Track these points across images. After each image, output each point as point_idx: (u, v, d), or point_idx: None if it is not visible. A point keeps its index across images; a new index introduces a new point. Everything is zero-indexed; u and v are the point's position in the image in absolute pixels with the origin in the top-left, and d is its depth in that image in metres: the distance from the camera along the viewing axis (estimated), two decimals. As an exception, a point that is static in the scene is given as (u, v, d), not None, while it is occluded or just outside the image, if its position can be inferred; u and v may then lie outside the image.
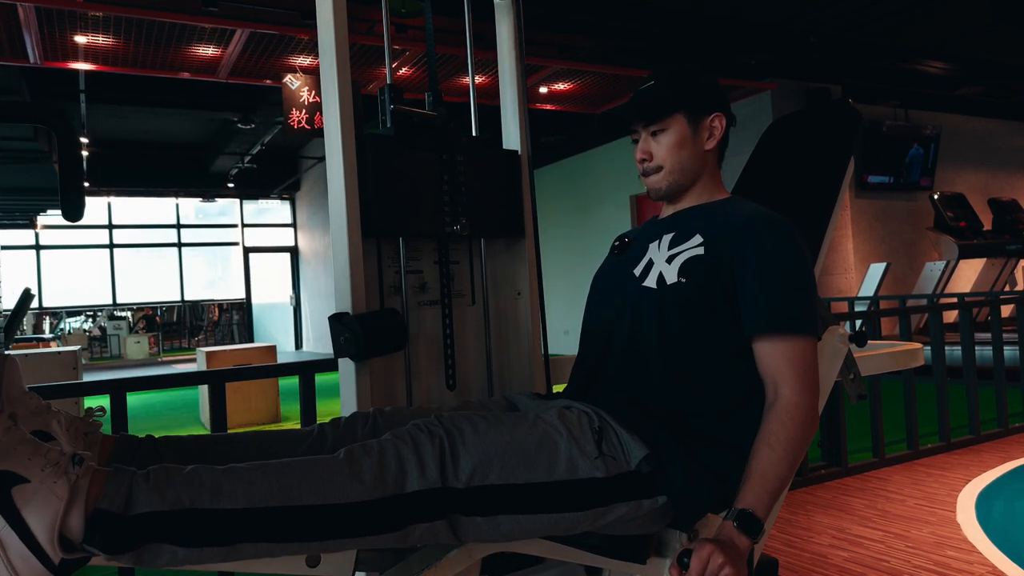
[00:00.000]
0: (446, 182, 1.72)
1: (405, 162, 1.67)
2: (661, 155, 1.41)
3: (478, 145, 1.82)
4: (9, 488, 0.90)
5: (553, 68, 6.56)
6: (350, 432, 1.30)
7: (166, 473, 0.98)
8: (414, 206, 1.68)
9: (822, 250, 1.70)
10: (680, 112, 1.39)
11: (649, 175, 1.44)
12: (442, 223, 1.72)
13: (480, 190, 1.79)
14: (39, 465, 0.92)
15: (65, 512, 0.90)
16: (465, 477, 1.09)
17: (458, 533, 1.10)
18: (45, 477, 0.91)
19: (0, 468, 0.91)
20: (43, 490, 0.91)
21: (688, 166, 1.41)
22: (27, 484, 0.90)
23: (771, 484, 1.17)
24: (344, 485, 1.03)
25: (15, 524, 0.89)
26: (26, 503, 0.90)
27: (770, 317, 1.25)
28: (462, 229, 1.72)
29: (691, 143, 1.40)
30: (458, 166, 1.74)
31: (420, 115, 1.71)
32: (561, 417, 1.20)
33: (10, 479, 0.90)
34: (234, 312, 15.56)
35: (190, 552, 0.96)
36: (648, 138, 1.42)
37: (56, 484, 0.91)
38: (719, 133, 1.42)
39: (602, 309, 1.45)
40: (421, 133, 1.71)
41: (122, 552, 0.93)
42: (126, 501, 0.93)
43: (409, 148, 1.68)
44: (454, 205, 1.73)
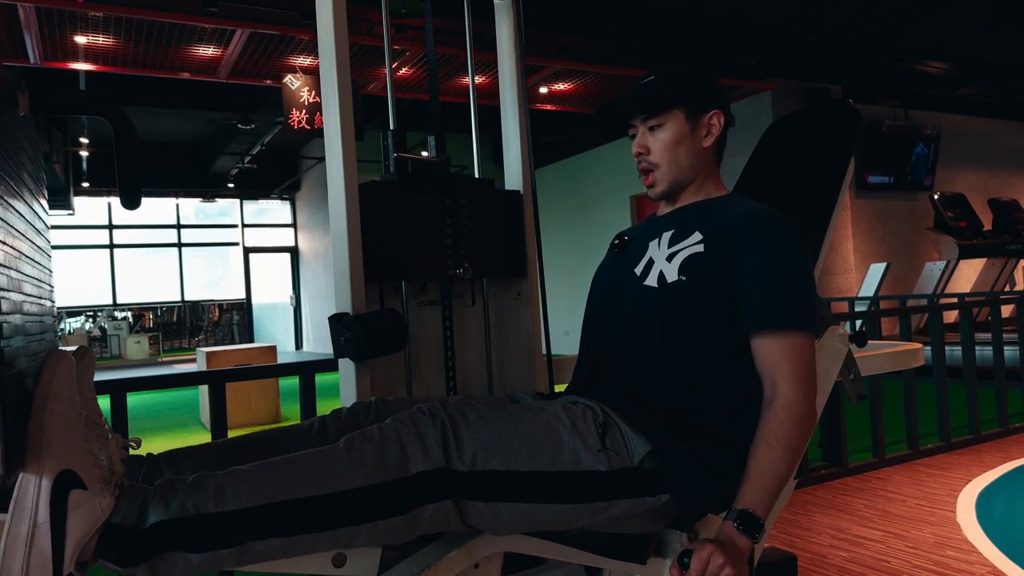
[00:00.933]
0: (449, 225, 1.73)
1: (408, 207, 1.68)
2: (658, 151, 1.40)
3: (480, 187, 1.83)
4: (68, 489, 0.91)
5: (553, 68, 6.56)
6: (352, 422, 1.30)
7: (170, 484, 0.99)
8: (417, 250, 1.70)
9: (822, 250, 1.70)
10: (678, 108, 1.38)
11: (647, 174, 1.43)
12: (445, 267, 1.73)
13: (483, 232, 1.81)
14: (97, 477, 0.94)
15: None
16: (468, 460, 1.09)
17: (465, 518, 1.11)
18: (99, 490, 0.93)
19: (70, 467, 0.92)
20: (93, 501, 0.92)
21: (685, 163, 1.40)
22: (84, 491, 0.92)
23: (771, 483, 1.17)
24: (346, 472, 1.03)
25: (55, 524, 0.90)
26: (75, 507, 0.91)
27: (768, 313, 1.25)
28: (464, 273, 1.73)
29: (689, 140, 1.39)
30: (461, 209, 1.75)
31: (423, 161, 1.73)
32: (566, 409, 1.20)
33: (73, 481, 0.92)
34: (234, 312, 15.55)
35: (203, 557, 0.96)
36: (645, 132, 1.41)
37: (104, 499, 0.93)
38: (717, 131, 1.41)
39: (603, 308, 1.45)
40: (424, 178, 1.72)
41: (136, 564, 0.94)
42: (138, 516, 0.95)
43: (412, 193, 1.69)
44: (456, 248, 1.74)
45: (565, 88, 7.18)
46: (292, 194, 14.92)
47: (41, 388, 0.93)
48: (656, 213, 1.53)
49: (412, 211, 1.69)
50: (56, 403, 0.93)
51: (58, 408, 0.93)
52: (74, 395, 0.96)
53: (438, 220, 1.73)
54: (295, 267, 15.00)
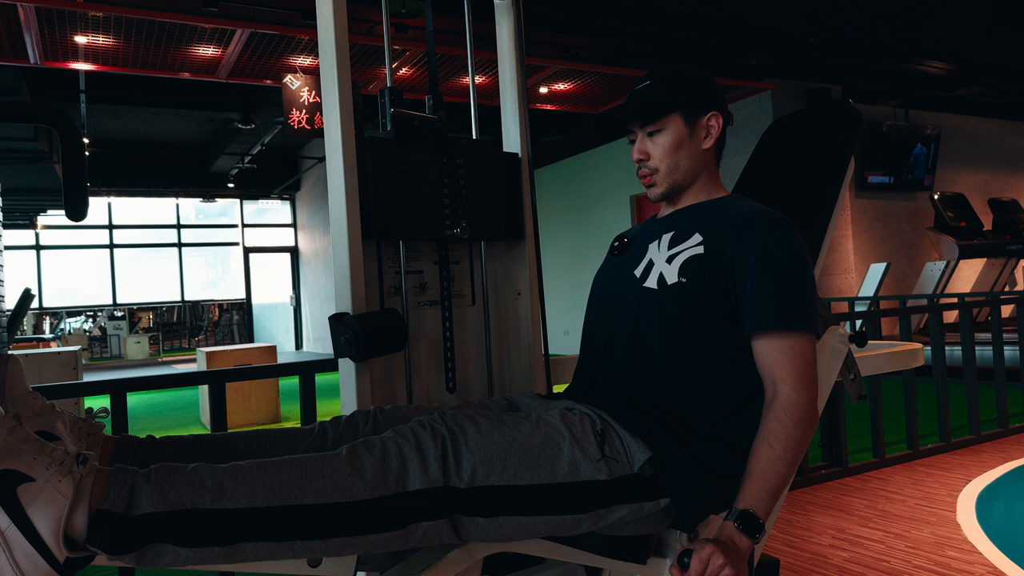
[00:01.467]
0: (446, 185, 1.72)
1: (405, 165, 1.67)
2: (658, 156, 1.40)
3: (478, 147, 1.82)
4: (14, 487, 0.90)
5: (553, 68, 6.56)
6: (351, 431, 1.30)
7: (168, 472, 0.98)
8: (414, 209, 1.68)
9: (822, 250, 1.70)
10: (677, 112, 1.39)
11: (647, 177, 1.43)
12: (442, 226, 1.72)
13: (480, 193, 1.79)
14: (44, 464, 0.92)
15: (70, 511, 0.91)
16: (467, 477, 1.09)
17: (460, 533, 1.10)
18: (50, 476, 0.91)
19: (5, 467, 0.91)
20: (48, 489, 0.91)
21: (686, 166, 1.41)
22: (32, 483, 0.90)
23: (771, 484, 1.17)
24: (346, 483, 1.03)
25: (20, 522, 0.89)
26: (31, 501, 0.90)
27: (769, 314, 1.24)
28: (462, 233, 1.72)
29: (688, 143, 1.40)
30: (458, 169, 1.74)
31: (420, 118, 1.71)
32: (563, 419, 1.20)
33: (15, 478, 0.90)
34: (234, 312, 15.56)
35: (192, 552, 0.96)
36: (644, 138, 1.41)
37: (61, 483, 0.91)
38: (716, 132, 1.41)
39: (603, 310, 1.44)
40: (421, 136, 1.71)
41: (124, 552, 0.93)
42: (127, 501, 0.93)
43: (409, 151, 1.68)
44: (454, 208, 1.73)
45: (565, 88, 7.18)
46: (292, 194, 14.92)
47: None
48: (656, 215, 1.53)
49: (409, 169, 1.67)
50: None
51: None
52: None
53: (435, 179, 1.71)
54: (295, 267, 15.01)
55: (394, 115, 1.67)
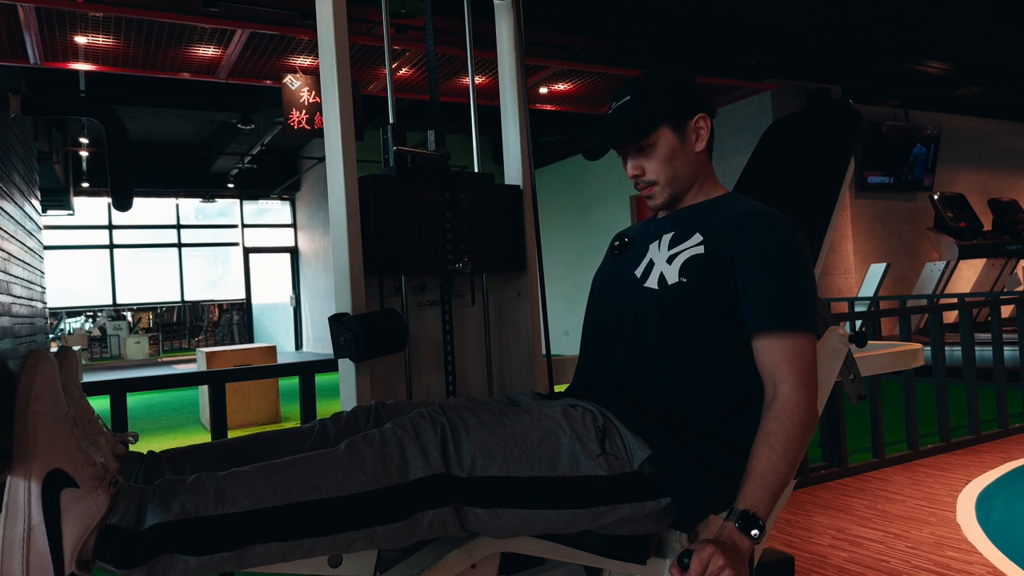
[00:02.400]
0: (448, 220, 1.73)
1: (407, 201, 1.68)
2: (654, 170, 1.39)
3: (479, 181, 1.82)
4: (60, 488, 0.91)
5: (553, 68, 6.56)
6: (352, 426, 1.30)
7: (170, 485, 0.99)
8: (416, 245, 1.69)
9: (822, 250, 1.70)
10: (664, 125, 1.37)
11: (647, 189, 1.42)
12: (444, 261, 1.73)
13: (482, 226, 1.80)
14: (90, 474, 0.93)
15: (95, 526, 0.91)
16: (467, 466, 1.09)
17: (464, 523, 1.11)
18: (93, 487, 0.92)
19: (60, 466, 0.91)
20: (87, 500, 0.91)
21: (683, 173, 1.40)
22: (76, 489, 0.91)
23: (772, 484, 1.16)
24: (346, 477, 1.03)
25: (51, 525, 0.90)
26: (69, 506, 0.91)
27: (769, 314, 1.24)
28: (464, 267, 1.74)
29: (681, 151, 1.38)
30: (460, 203, 1.76)
31: (422, 156, 1.73)
32: (565, 414, 1.20)
33: (63, 480, 0.91)
34: (234, 312, 15.56)
35: (201, 560, 0.96)
36: (637, 155, 1.40)
37: (99, 497, 0.92)
38: (706, 133, 1.40)
39: (603, 311, 1.44)
40: (423, 172, 1.72)
41: (134, 566, 0.93)
42: (136, 516, 0.94)
43: (411, 188, 1.69)
44: (456, 243, 1.74)
45: (565, 88, 7.18)
46: (292, 194, 14.92)
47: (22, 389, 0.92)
48: (656, 214, 1.52)
49: (411, 205, 1.68)
50: (39, 403, 0.92)
51: (41, 408, 0.92)
52: (58, 394, 0.95)
53: (437, 214, 1.72)
54: (295, 267, 15.00)
55: (396, 153, 1.68)
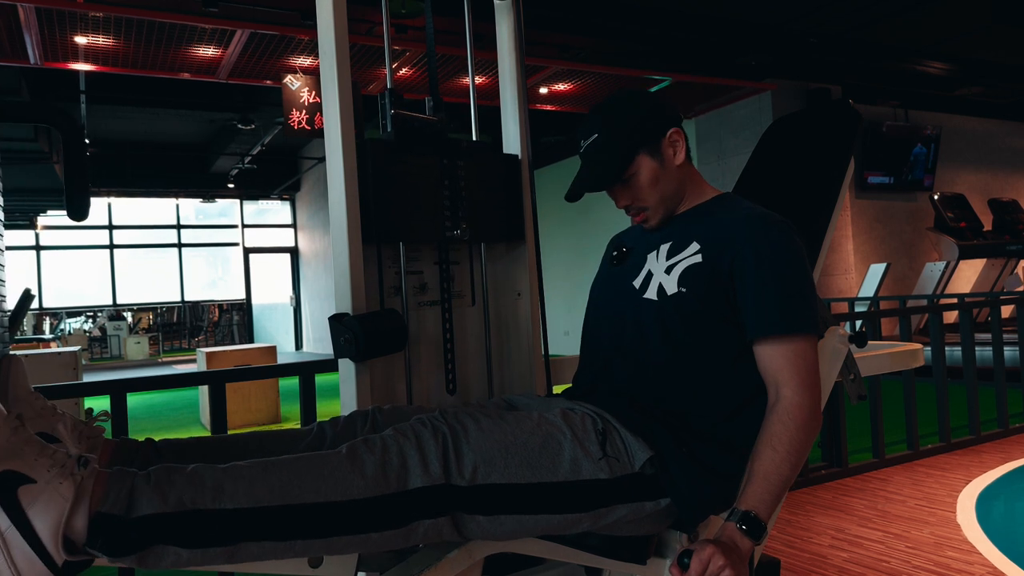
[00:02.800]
0: (446, 187, 1.72)
1: (405, 167, 1.67)
2: (642, 197, 1.39)
3: (478, 149, 1.81)
4: (15, 488, 0.90)
5: (553, 68, 6.56)
6: (350, 430, 1.30)
7: (167, 473, 0.98)
8: (414, 211, 1.68)
9: (822, 251, 1.70)
10: (640, 153, 1.36)
11: (640, 214, 1.42)
12: (442, 228, 1.72)
13: (480, 195, 1.79)
14: (45, 466, 0.92)
15: (70, 514, 0.90)
16: (468, 475, 1.09)
17: (462, 531, 1.10)
18: (51, 478, 0.91)
19: (6, 467, 0.90)
20: (49, 491, 0.90)
21: (671, 191, 1.40)
22: (33, 484, 0.90)
23: (774, 485, 1.16)
24: (346, 482, 1.03)
25: (19, 524, 0.89)
26: (31, 503, 0.90)
27: (769, 319, 1.24)
28: (462, 234, 1.73)
29: (663, 172, 1.38)
30: (458, 171, 1.74)
31: (420, 120, 1.71)
32: (565, 417, 1.20)
33: (16, 479, 0.90)
34: (234, 312, 15.56)
35: (193, 553, 0.95)
36: (623, 188, 1.39)
37: (62, 485, 0.91)
38: (681, 145, 1.39)
39: (602, 322, 1.44)
40: (422, 138, 1.71)
41: (125, 555, 0.93)
42: (128, 503, 0.93)
43: (409, 153, 1.68)
44: (454, 210, 1.73)
45: (565, 88, 7.18)
46: (292, 194, 14.92)
47: None
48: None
49: (409, 171, 1.67)
50: None
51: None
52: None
53: (436, 181, 1.71)
54: (295, 267, 15.01)
55: (394, 117, 1.67)
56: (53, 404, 1.10)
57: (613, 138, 1.37)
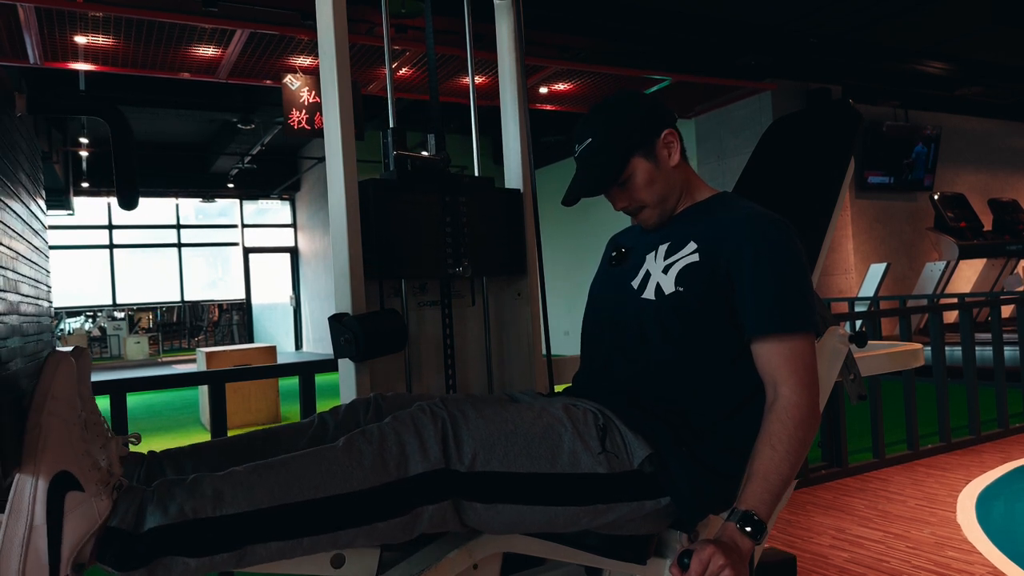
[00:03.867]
0: (448, 223, 1.73)
1: (407, 205, 1.68)
2: (639, 197, 1.38)
3: (480, 185, 1.82)
4: (65, 491, 0.91)
5: (553, 68, 6.56)
6: (352, 419, 1.30)
7: (168, 486, 0.98)
8: (416, 249, 1.69)
9: (822, 251, 1.70)
10: (635, 156, 1.36)
11: (637, 215, 1.42)
12: (444, 265, 1.73)
13: (482, 230, 1.80)
14: (95, 479, 0.93)
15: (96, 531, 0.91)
16: (468, 460, 1.09)
17: (463, 519, 1.10)
18: (96, 492, 0.92)
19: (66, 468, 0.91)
20: (90, 503, 0.92)
21: (667, 191, 1.39)
22: (81, 493, 0.91)
23: (773, 485, 1.16)
24: (345, 474, 1.03)
25: (52, 527, 0.90)
26: (72, 510, 0.91)
27: (766, 319, 1.24)
28: (464, 271, 1.73)
29: (658, 173, 1.37)
30: (460, 207, 1.75)
31: (422, 159, 1.73)
32: (566, 411, 1.20)
33: (70, 482, 0.91)
34: (234, 312, 15.56)
35: (201, 562, 0.96)
36: (619, 191, 1.39)
37: (102, 502, 0.92)
38: (676, 146, 1.39)
39: (602, 323, 1.44)
40: (423, 176, 1.72)
41: (134, 568, 0.93)
42: (136, 519, 0.94)
43: (411, 191, 1.69)
44: (456, 247, 1.74)
45: (565, 88, 7.18)
46: (292, 194, 14.92)
47: (40, 390, 0.92)
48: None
49: (411, 209, 1.69)
50: (54, 404, 0.92)
51: (56, 410, 0.92)
52: (73, 397, 0.95)
53: (437, 218, 1.72)
54: (295, 267, 15.00)
55: (397, 157, 1.68)
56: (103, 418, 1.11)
57: (608, 141, 1.37)
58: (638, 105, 1.39)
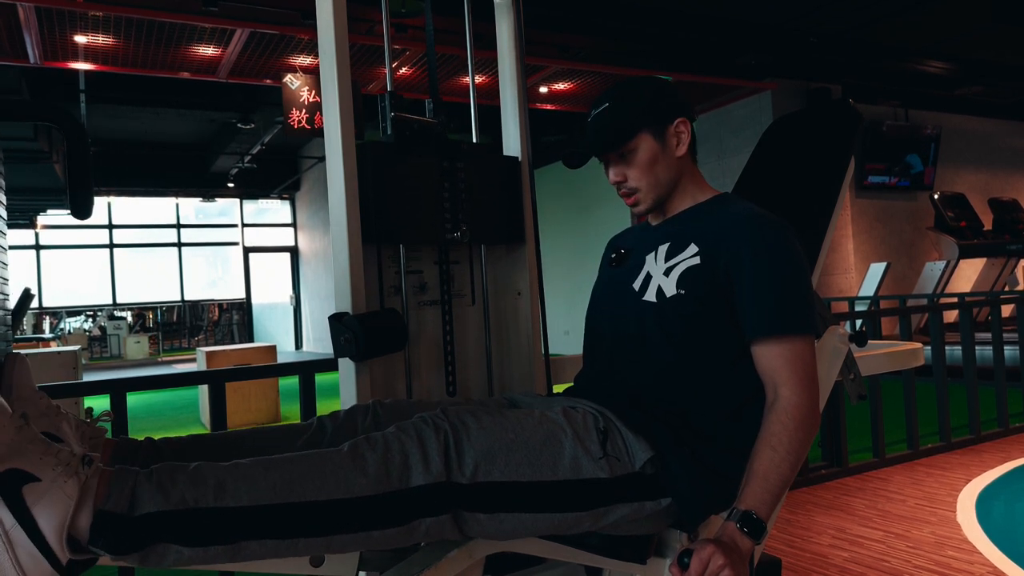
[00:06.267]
0: (446, 189, 1.73)
1: (405, 169, 1.67)
2: (636, 176, 1.38)
3: (478, 151, 1.82)
4: (20, 486, 0.90)
5: (553, 68, 6.56)
6: (350, 424, 1.30)
7: (170, 471, 0.98)
8: (414, 213, 1.68)
9: (822, 251, 1.70)
10: (644, 131, 1.36)
11: (628, 197, 1.42)
12: (442, 230, 1.72)
13: (480, 196, 1.79)
14: (50, 464, 0.92)
15: (74, 512, 0.90)
16: (469, 472, 1.09)
17: (463, 529, 1.11)
18: (56, 477, 0.91)
19: (11, 466, 0.90)
20: (54, 489, 0.90)
21: (664, 179, 1.39)
22: (38, 483, 0.90)
23: (773, 485, 1.16)
24: (348, 480, 1.03)
25: (24, 522, 0.89)
26: (36, 501, 0.90)
27: (766, 320, 1.24)
28: (462, 236, 1.73)
29: (663, 156, 1.38)
30: (458, 173, 1.75)
31: (420, 122, 1.72)
32: (566, 415, 1.20)
33: (21, 477, 0.90)
34: (234, 312, 15.56)
35: (196, 552, 0.95)
36: (618, 162, 1.39)
37: (67, 484, 0.91)
38: (686, 137, 1.39)
39: (603, 324, 1.44)
40: (421, 140, 1.71)
41: (128, 553, 0.93)
42: (130, 502, 0.93)
43: (409, 155, 1.68)
44: (454, 212, 1.73)
45: (565, 88, 7.18)
46: (292, 194, 14.92)
47: None
48: (649, 220, 1.52)
49: (410, 173, 1.67)
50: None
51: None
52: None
53: (436, 183, 1.71)
54: (295, 267, 15.01)
55: (394, 119, 1.67)
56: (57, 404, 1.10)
57: (622, 109, 1.37)
58: (659, 88, 1.40)
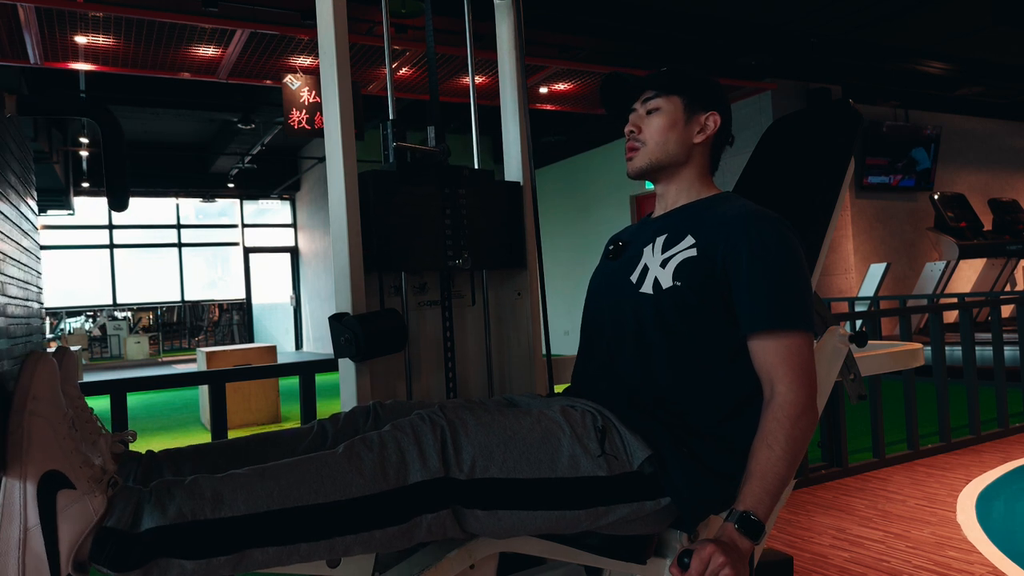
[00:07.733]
0: (448, 216, 1.74)
1: (407, 198, 1.68)
2: (649, 132, 1.43)
3: (480, 178, 1.82)
4: (56, 489, 0.90)
5: (553, 68, 6.56)
6: (351, 427, 1.30)
7: (167, 487, 0.98)
8: (416, 241, 1.69)
9: (822, 251, 1.70)
10: (678, 96, 1.42)
11: (633, 149, 1.45)
12: (444, 257, 1.73)
13: (482, 223, 1.80)
14: (87, 476, 0.93)
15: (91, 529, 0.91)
16: (467, 468, 1.09)
17: (463, 526, 1.11)
18: (89, 488, 0.92)
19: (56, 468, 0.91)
20: (83, 501, 0.91)
21: (673, 151, 1.42)
22: (72, 491, 0.91)
23: (771, 484, 1.16)
24: (345, 480, 1.03)
25: (47, 526, 0.89)
26: (65, 508, 0.90)
27: (762, 315, 1.24)
28: (464, 263, 1.73)
29: (681, 128, 1.42)
30: (460, 199, 1.75)
31: (422, 151, 1.72)
32: (564, 414, 1.20)
33: (60, 481, 0.91)
34: (234, 312, 15.55)
35: (198, 564, 0.95)
36: (642, 113, 1.44)
37: (95, 499, 0.92)
38: (711, 131, 1.43)
39: (600, 316, 1.44)
40: (423, 168, 1.72)
41: (129, 569, 0.93)
42: (132, 519, 0.94)
43: (411, 184, 1.69)
44: (456, 239, 1.74)
45: (565, 88, 7.18)
46: (292, 194, 14.92)
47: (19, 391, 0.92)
48: (650, 214, 1.53)
49: (411, 201, 1.68)
50: (36, 404, 0.91)
51: (38, 409, 0.91)
52: (56, 396, 0.94)
53: (437, 210, 1.72)
54: (295, 267, 15.00)
55: (396, 148, 1.68)
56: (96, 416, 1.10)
57: (672, 74, 1.45)
58: (713, 82, 1.48)
